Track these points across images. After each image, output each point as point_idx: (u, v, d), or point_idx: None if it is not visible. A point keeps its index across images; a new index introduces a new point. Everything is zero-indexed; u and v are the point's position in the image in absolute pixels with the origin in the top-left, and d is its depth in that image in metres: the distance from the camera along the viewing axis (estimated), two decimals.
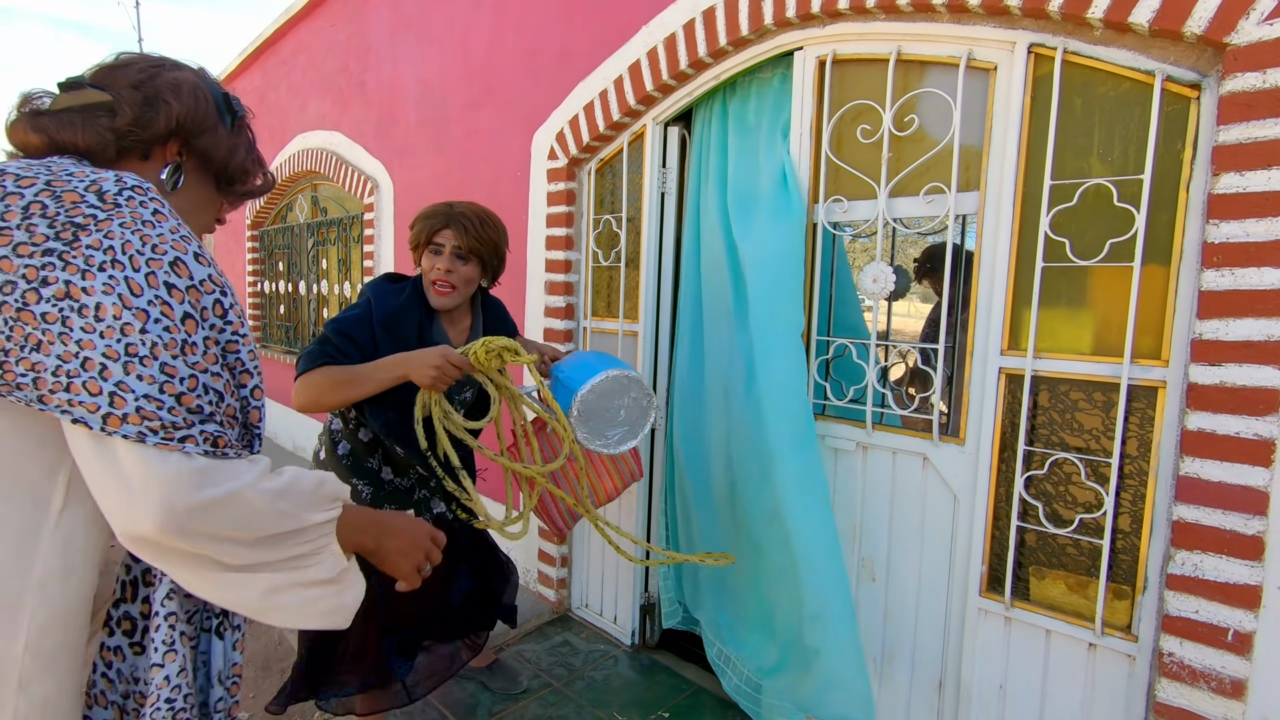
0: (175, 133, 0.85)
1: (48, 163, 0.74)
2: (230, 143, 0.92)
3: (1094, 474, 1.52)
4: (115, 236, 0.67)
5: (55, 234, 0.66)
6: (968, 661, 1.71)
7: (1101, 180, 1.47)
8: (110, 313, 0.65)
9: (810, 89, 1.90)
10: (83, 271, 0.66)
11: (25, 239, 0.66)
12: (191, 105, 0.85)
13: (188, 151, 0.87)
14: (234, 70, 5.26)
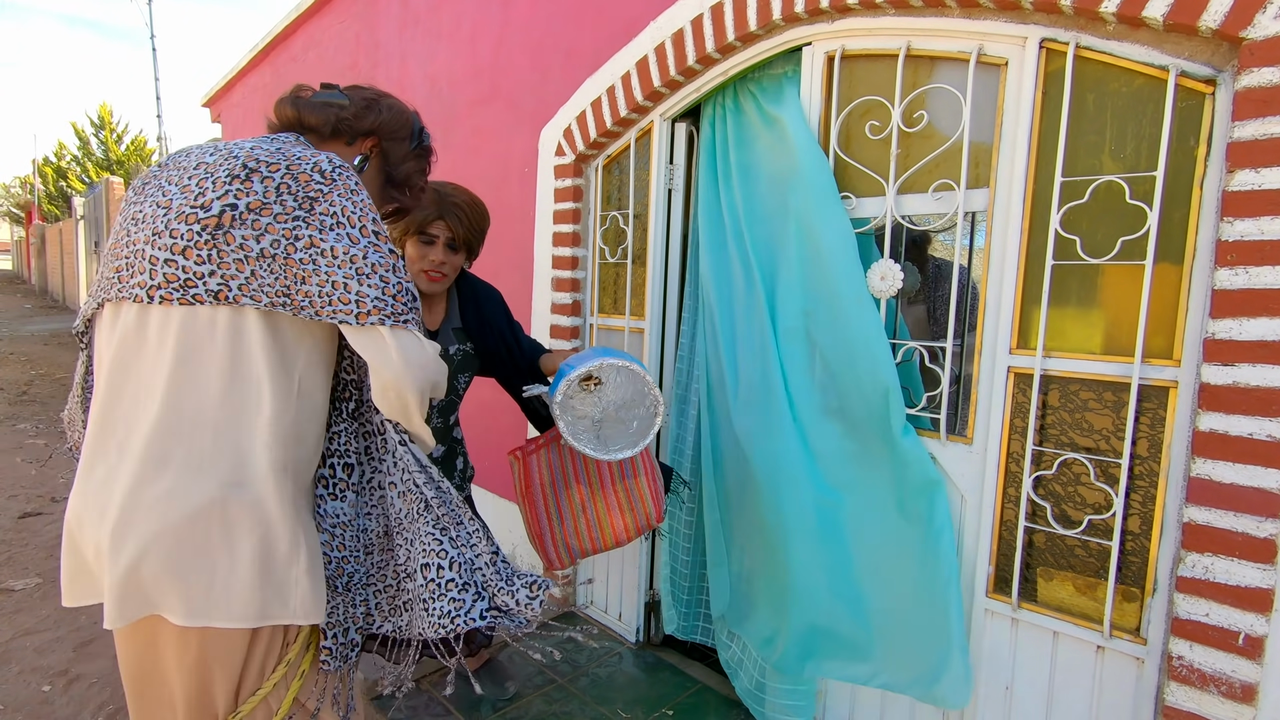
0: (375, 132, 1.20)
1: (279, 143, 1.05)
2: (407, 157, 1.27)
3: (1103, 475, 1.51)
4: (336, 204, 1.00)
5: (298, 205, 0.98)
6: (974, 663, 1.69)
7: (1113, 177, 1.45)
8: (342, 253, 0.98)
9: (819, 85, 1.88)
10: (320, 230, 0.98)
11: (281, 210, 0.97)
12: (393, 119, 1.22)
13: (377, 150, 1.22)
14: (245, 66, 5.28)
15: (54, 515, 3.65)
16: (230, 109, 5.83)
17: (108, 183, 11.66)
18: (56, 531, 3.44)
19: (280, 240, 0.96)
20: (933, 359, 1.78)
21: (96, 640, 2.47)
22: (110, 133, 21.74)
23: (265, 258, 0.96)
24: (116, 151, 21.51)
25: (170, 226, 0.96)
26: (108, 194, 11.58)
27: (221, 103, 5.97)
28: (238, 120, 5.69)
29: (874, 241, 1.87)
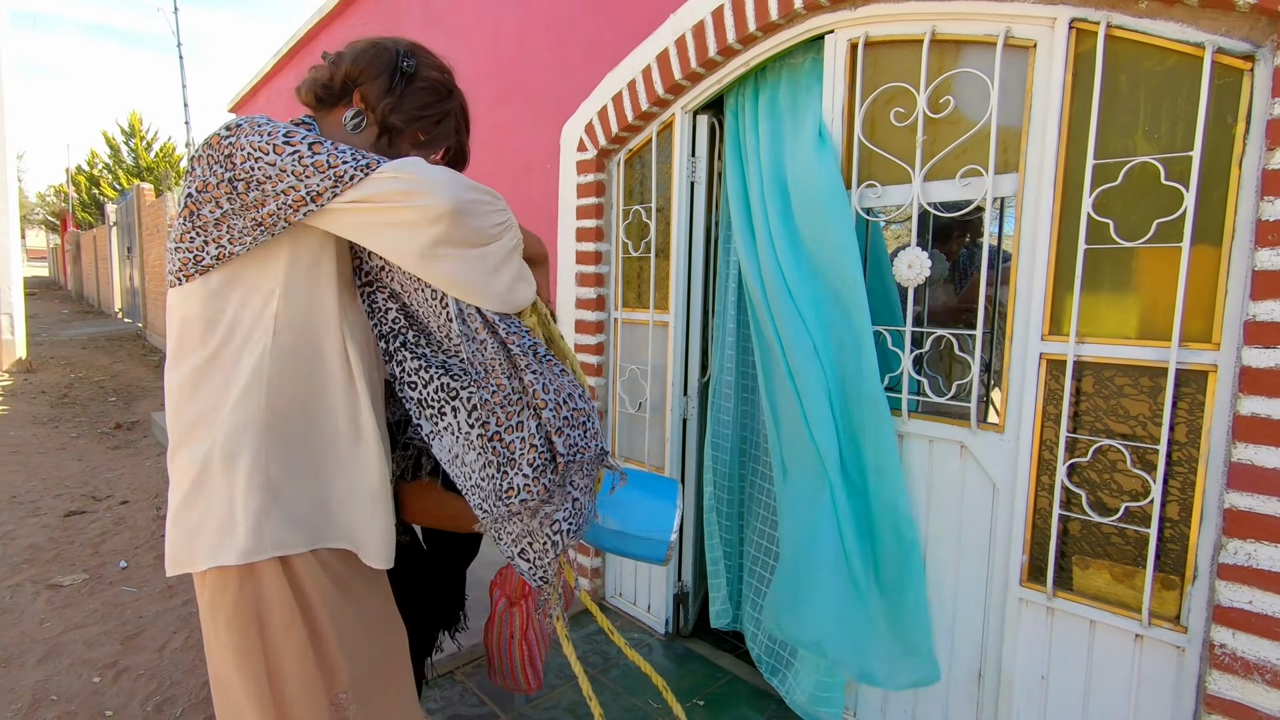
0: (351, 82, 1.09)
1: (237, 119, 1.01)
2: (390, 96, 1.09)
3: (1140, 461, 1.48)
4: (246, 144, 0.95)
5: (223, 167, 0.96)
6: (1008, 652, 1.68)
7: (1148, 158, 1.43)
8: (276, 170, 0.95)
9: (842, 73, 1.87)
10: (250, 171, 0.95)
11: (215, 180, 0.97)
12: (364, 63, 1.08)
13: (364, 102, 1.10)
14: (269, 71, 5.37)
15: (97, 513, 3.77)
16: (256, 113, 5.93)
17: (138, 189, 11.92)
18: (100, 529, 3.55)
19: (230, 195, 0.97)
20: (962, 347, 1.76)
21: (142, 633, 2.55)
22: (140, 140, 22.22)
23: (228, 215, 0.98)
24: (146, 158, 21.99)
25: (174, 228, 1.04)
26: (138, 200, 11.84)
27: (248, 107, 6.08)
28: None
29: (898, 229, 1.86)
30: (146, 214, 11.44)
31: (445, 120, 1.17)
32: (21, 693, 2.18)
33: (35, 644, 2.46)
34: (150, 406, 6.50)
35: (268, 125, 0.97)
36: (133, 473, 4.53)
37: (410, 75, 1.11)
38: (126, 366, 8.93)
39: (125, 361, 9.34)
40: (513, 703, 2.13)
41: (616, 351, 2.65)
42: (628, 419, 2.64)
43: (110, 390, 7.31)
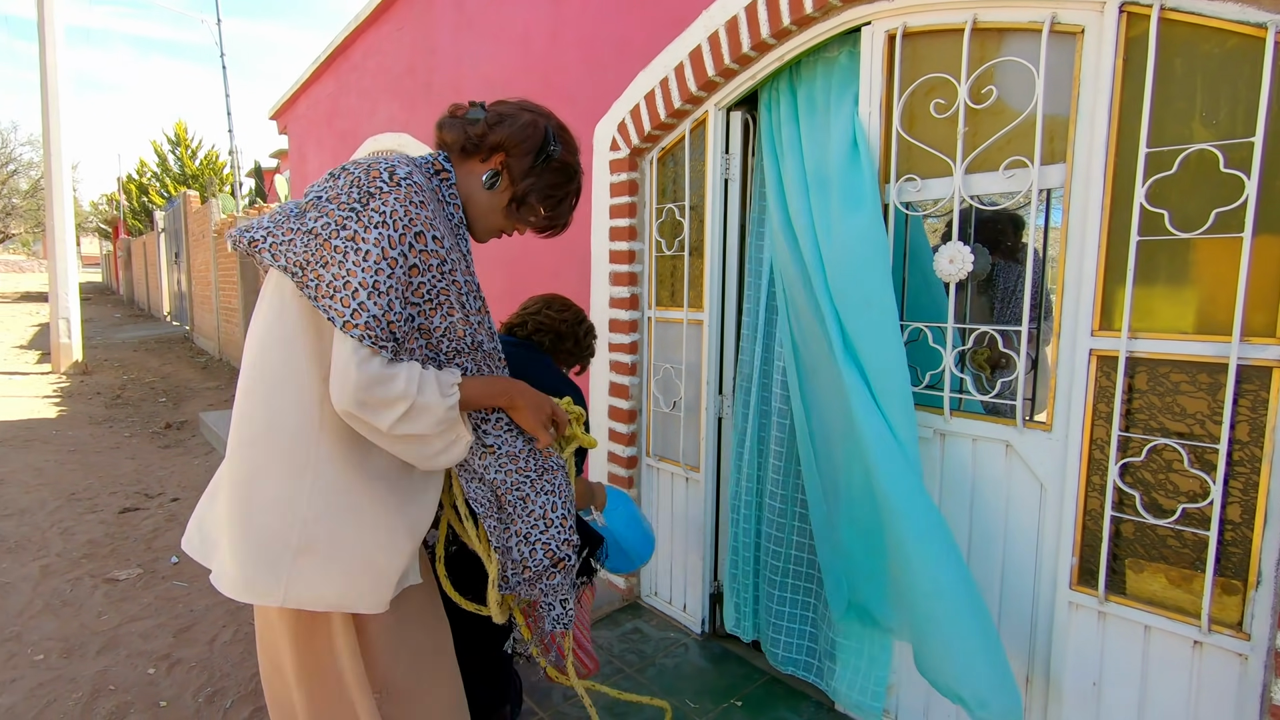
0: (500, 147, 1.20)
1: (398, 156, 1.11)
2: (532, 174, 1.22)
3: (1199, 461, 1.43)
4: (389, 205, 1.03)
5: (357, 199, 1.04)
6: (1057, 657, 1.63)
7: (1205, 145, 1.37)
8: (375, 258, 1.02)
9: (879, 65, 1.83)
10: (365, 226, 1.03)
11: (345, 200, 1.04)
12: (518, 135, 1.19)
13: (506, 166, 1.21)
14: (309, 78, 5.49)
15: (150, 510, 3.90)
16: (296, 120, 6.07)
17: (185, 196, 12.32)
18: (154, 525, 3.68)
19: (330, 224, 1.04)
20: (1007, 343, 1.71)
21: (194, 627, 2.63)
22: (186, 149, 22.94)
23: (312, 234, 1.05)
24: (191, 166, 22.68)
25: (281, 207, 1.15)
26: (185, 207, 12.24)
27: (288, 115, 6.23)
28: (303, 130, 5.93)
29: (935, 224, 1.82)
30: (192, 220, 11.82)
31: (566, 200, 1.30)
32: (83, 682, 2.27)
33: (94, 636, 2.56)
34: (198, 406, 6.72)
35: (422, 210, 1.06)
36: (182, 471, 4.69)
37: (551, 157, 1.23)
38: (175, 368, 9.24)
39: (174, 363, 9.67)
40: (550, 699, 2.14)
41: (650, 350, 2.65)
42: (662, 418, 2.64)
43: (160, 391, 7.57)
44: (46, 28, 8.14)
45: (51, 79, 8.22)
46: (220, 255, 9.37)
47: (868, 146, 1.85)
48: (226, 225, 8.86)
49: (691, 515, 2.53)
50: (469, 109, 1.22)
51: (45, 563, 3.19)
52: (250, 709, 2.14)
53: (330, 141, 5.33)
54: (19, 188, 22.26)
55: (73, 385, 7.77)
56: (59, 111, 8.31)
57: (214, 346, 10.20)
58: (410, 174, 1.07)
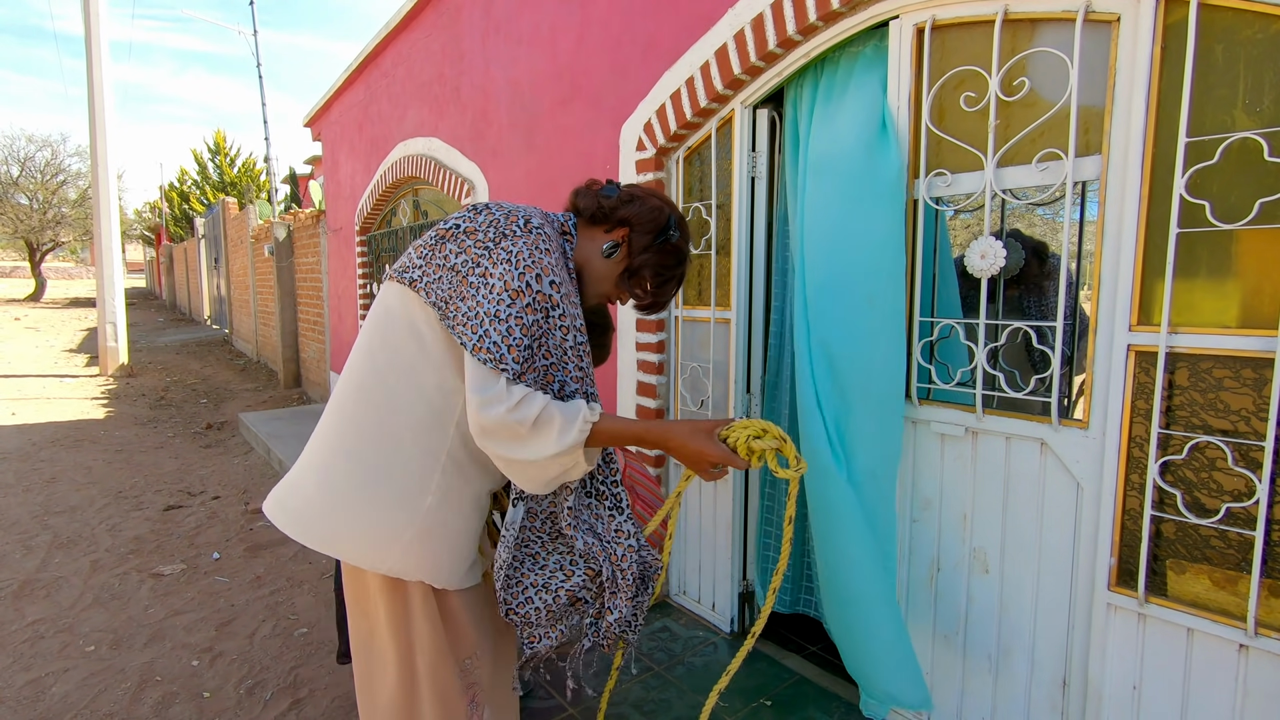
0: (625, 223, 1.31)
1: (535, 209, 1.22)
2: (649, 251, 1.32)
3: (1243, 459, 1.38)
4: (517, 246, 1.13)
5: (492, 238, 1.15)
6: (1095, 660, 1.60)
7: (1249, 134, 1.33)
8: (497, 291, 1.12)
9: (907, 59, 1.82)
10: (494, 262, 1.13)
11: (481, 238, 1.15)
12: (645, 215, 1.31)
13: (627, 241, 1.32)
14: (340, 86, 5.61)
15: (192, 508, 4.03)
16: (329, 127, 6.21)
17: (224, 203, 12.67)
18: (196, 522, 3.79)
19: (468, 261, 1.15)
20: (1041, 339, 1.68)
21: (234, 621, 2.71)
22: (224, 157, 23.57)
23: (453, 270, 1.16)
24: (230, 174, 23.29)
25: (428, 235, 1.23)
26: (224, 214, 12.58)
27: (321, 122, 6.37)
28: (337, 136, 6.06)
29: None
30: (231, 226, 12.14)
31: (672, 281, 1.38)
32: (130, 673, 2.35)
33: (141, 628, 2.65)
34: (237, 407, 6.90)
35: (547, 256, 1.15)
36: (223, 470, 4.82)
37: (670, 240, 1.33)
38: (215, 370, 9.50)
39: (214, 366, 9.94)
40: (580, 696, 2.16)
41: (678, 349, 2.65)
42: (690, 417, 2.64)
43: (202, 393, 7.80)
44: (93, 44, 8.45)
45: (98, 92, 8.53)
46: (258, 260, 9.61)
47: (894, 142, 1.83)
48: (263, 231, 9.09)
49: (720, 514, 2.53)
50: (605, 185, 1.33)
51: (95, 558, 3.31)
52: (289, 701, 2.19)
53: (362, 147, 5.44)
54: (68, 197, 23.10)
55: (119, 387, 8.04)
56: (105, 123, 8.62)
57: (252, 349, 10.47)
58: (542, 226, 1.17)
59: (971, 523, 1.82)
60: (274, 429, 5.34)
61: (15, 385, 7.97)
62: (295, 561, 3.26)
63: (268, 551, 3.38)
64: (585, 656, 1.41)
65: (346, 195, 5.89)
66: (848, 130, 1.99)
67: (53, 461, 4.97)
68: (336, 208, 6.18)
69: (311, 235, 7.17)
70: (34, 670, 2.37)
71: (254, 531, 3.64)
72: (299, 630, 2.64)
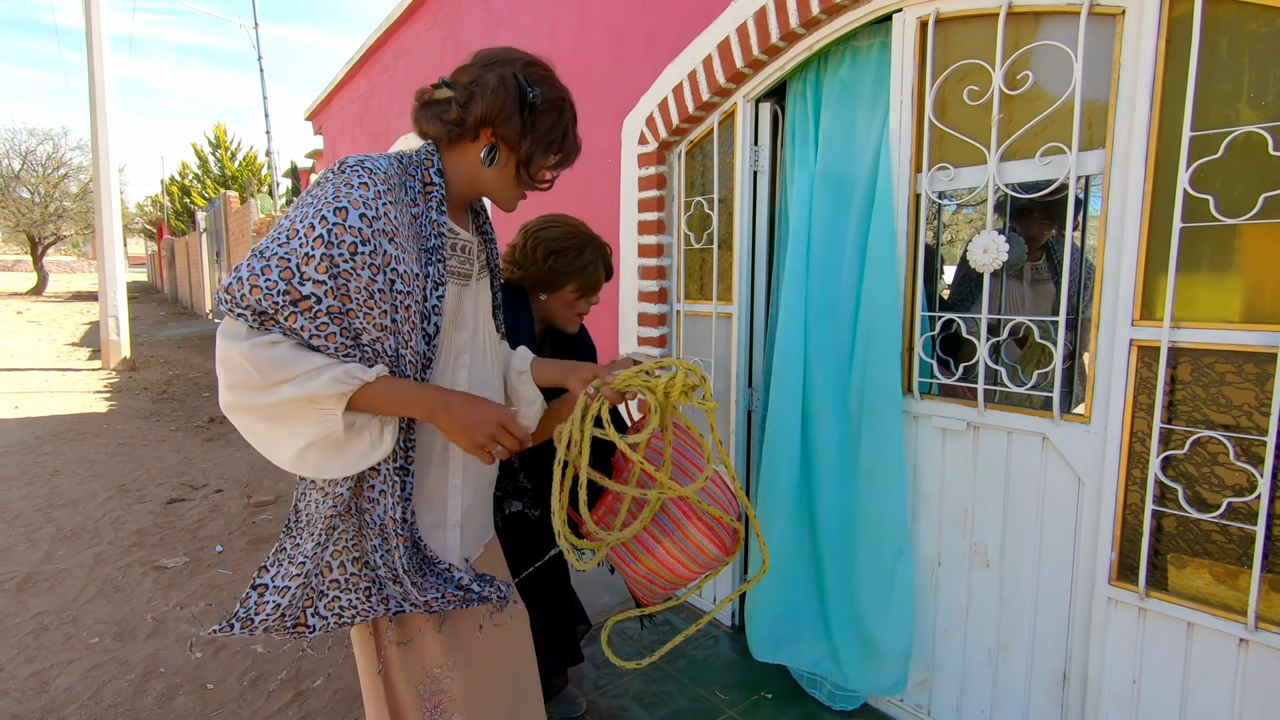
0: (484, 122, 1.10)
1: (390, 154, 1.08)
2: (526, 132, 1.12)
3: (1245, 454, 1.38)
4: (321, 191, 1.00)
5: (308, 190, 1.04)
6: (1095, 654, 1.60)
7: (1253, 128, 1.32)
8: (284, 227, 0.98)
9: (911, 53, 1.81)
10: (296, 205, 1.01)
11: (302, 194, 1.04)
12: (494, 102, 1.09)
13: (498, 137, 1.12)
14: (341, 80, 5.60)
15: (194, 501, 4.04)
16: (330, 120, 6.20)
17: (225, 197, 12.67)
18: (198, 515, 3.81)
19: (280, 218, 1.05)
20: (1043, 334, 1.68)
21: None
22: (225, 151, 23.55)
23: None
24: (231, 168, 23.29)
25: None
26: (225, 208, 12.58)
27: (322, 115, 6.36)
28: (337, 130, 6.05)
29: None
30: (232, 220, 12.15)
31: (567, 132, 1.19)
32: (134, 664, 2.37)
33: (145, 621, 2.66)
34: None
35: (350, 191, 0.98)
36: (224, 464, 4.83)
37: (535, 105, 1.12)
38: None
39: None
40: (580, 687, 2.17)
41: (679, 344, 2.65)
42: (691, 411, 2.64)
43: (204, 387, 7.81)
44: (94, 37, 8.43)
45: (99, 85, 8.51)
46: None
47: (897, 136, 1.83)
48: (265, 225, 9.08)
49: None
50: (433, 92, 1.12)
51: (98, 550, 3.32)
52: (292, 693, 2.21)
53: (363, 141, 5.43)
54: (69, 191, 23.09)
55: (121, 381, 8.05)
56: (106, 117, 8.61)
57: None
58: (362, 162, 1.01)
59: (972, 517, 1.82)
60: None
61: (18, 379, 7.98)
62: None
63: (270, 544, 3.40)
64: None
65: None
66: (849, 124, 1.99)
67: (56, 455, 4.98)
68: None
69: None
70: (38, 662, 2.38)
71: (256, 525, 3.65)
72: None
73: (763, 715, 2.04)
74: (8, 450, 5.07)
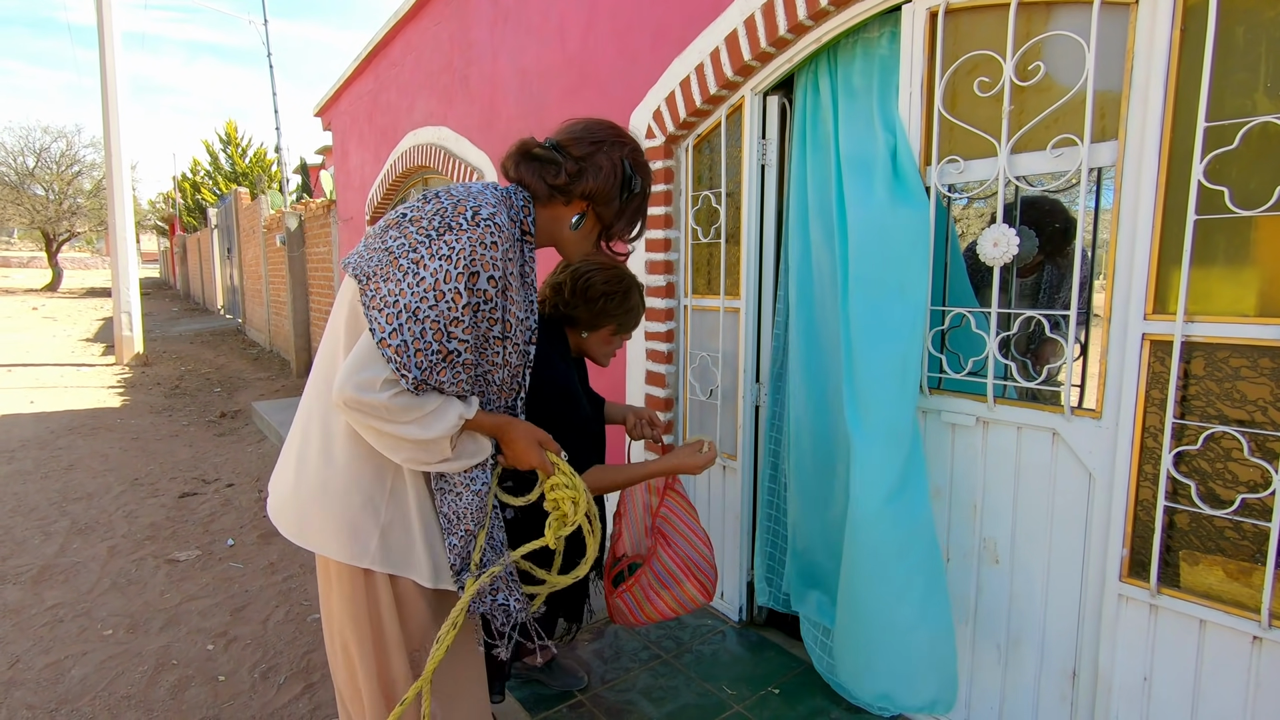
0: (586, 197, 1.25)
1: (491, 189, 1.19)
2: (619, 214, 1.29)
3: (1259, 449, 1.36)
4: (460, 244, 1.08)
5: (435, 227, 1.10)
6: (1106, 651, 1.59)
7: (1271, 118, 1.30)
8: (427, 285, 1.08)
9: (920, 44, 1.79)
10: (432, 255, 1.09)
11: (425, 225, 1.11)
12: (603, 185, 1.24)
13: (593, 211, 1.28)
14: (350, 76, 5.61)
15: (206, 495, 4.08)
16: (339, 116, 6.22)
17: (236, 193, 12.74)
18: (210, 509, 3.84)
19: (404, 244, 1.11)
20: (1054, 328, 1.66)
21: (248, 606, 2.75)
22: (235, 147, 23.68)
23: (386, 252, 1.12)
24: (241, 164, 23.41)
25: (379, 224, 1.20)
26: (236, 204, 12.65)
27: (331, 111, 6.37)
28: (346, 126, 6.06)
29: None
30: (243, 216, 12.22)
31: (645, 213, 1.35)
32: (147, 656, 2.39)
33: (158, 613, 2.69)
34: (250, 396, 6.97)
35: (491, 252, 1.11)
36: (236, 458, 4.87)
37: (634, 193, 1.28)
38: (228, 360, 9.59)
39: (227, 355, 10.03)
40: (588, 686, 2.17)
41: (687, 339, 2.65)
42: (699, 406, 2.63)
43: (215, 382, 7.88)
44: (105, 34, 8.49)
45: (111, 83, 8.57)
46: (270, 250, 9.67)
47: (906, 128, 1.81)
48: (275, 221, 9.14)
49: (729, 503, 2.53)
50: (541, 150, 1.23)
51: (112, 544, 3.36)
52: (302, 685, 2.22)
53: (372, 137, 5.44)
54: (83, 188, 23.31)
55: (134, 376, 8.13)
56: (118, 114, 8.67)
57: (264, 339, 10.56)
58: (492, 215, 1.12)
59: (981, 513, 1.81)
60: (286, 418, 5.38)
61: (33, 374, 8.08)
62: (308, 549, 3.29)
63: (281, 538, 3.42)
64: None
65: (357, 185, 5.90)
66: (857, 117, 1.97)
67: (70, 449, 5.04)
68: (347, 197, 6.20)
69: (323, 225, 7.20)
70: (53, 653, 2.41)
71: (267, 519, 3.68)
72: (312, 616, 2.67)
73: (771, 710, 2.04)
74: (24, 445, 5.13)
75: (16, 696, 2.16)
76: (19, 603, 2.76)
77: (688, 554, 1.79)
